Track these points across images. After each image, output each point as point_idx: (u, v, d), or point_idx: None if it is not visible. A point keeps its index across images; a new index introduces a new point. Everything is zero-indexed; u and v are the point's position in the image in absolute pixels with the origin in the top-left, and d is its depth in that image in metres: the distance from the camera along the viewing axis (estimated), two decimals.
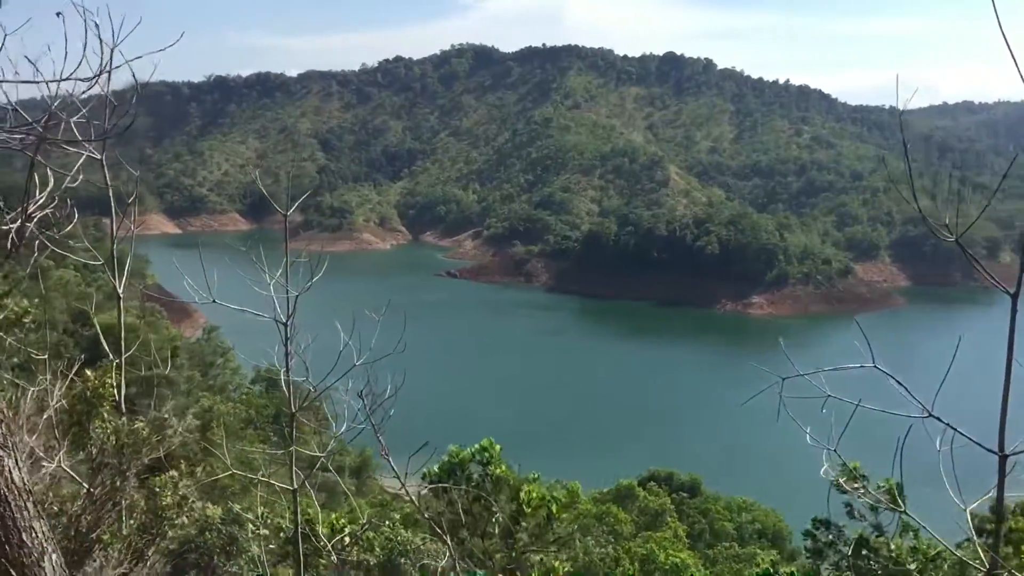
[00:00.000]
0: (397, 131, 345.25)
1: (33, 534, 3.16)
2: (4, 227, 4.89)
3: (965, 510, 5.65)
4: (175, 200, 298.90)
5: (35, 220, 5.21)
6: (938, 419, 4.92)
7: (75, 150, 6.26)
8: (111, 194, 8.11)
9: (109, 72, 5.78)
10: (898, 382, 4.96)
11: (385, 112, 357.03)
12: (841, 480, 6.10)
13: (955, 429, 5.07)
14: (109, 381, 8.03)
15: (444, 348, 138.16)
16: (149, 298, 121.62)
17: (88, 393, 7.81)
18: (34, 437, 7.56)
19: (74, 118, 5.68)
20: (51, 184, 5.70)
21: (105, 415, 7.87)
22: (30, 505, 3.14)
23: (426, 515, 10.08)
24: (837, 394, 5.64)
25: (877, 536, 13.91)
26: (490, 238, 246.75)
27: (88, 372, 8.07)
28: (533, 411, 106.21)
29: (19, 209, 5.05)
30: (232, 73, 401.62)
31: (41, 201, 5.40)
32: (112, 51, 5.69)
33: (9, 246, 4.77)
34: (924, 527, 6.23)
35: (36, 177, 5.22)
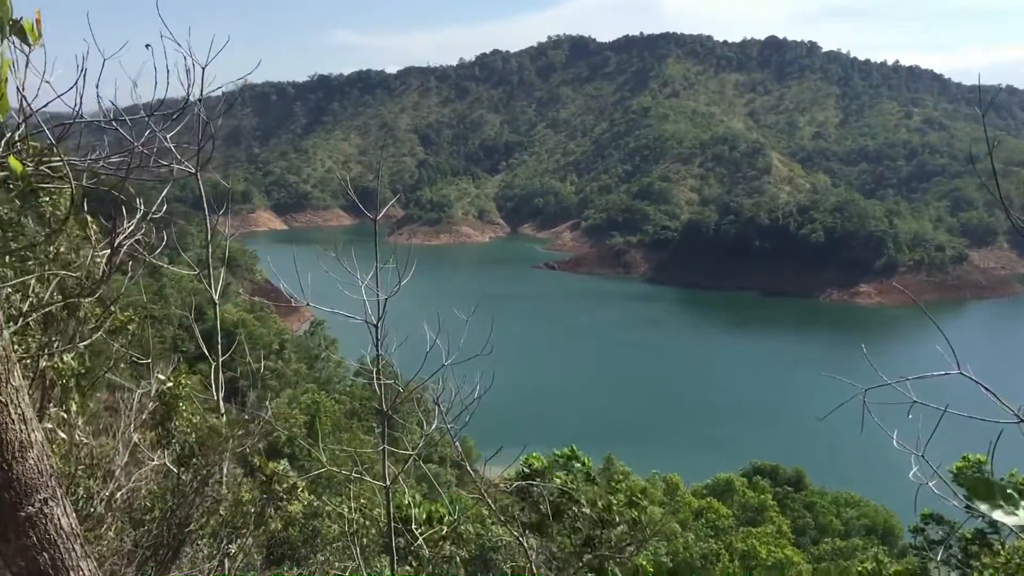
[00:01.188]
0: (495, 124, 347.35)
1: (80, 573, 3.42)
2: (97, 255, 5.22)
3: None
4: (281, 197, 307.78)
5: (123, 249, 5.52)
6: None
7: (173, 165, 6.59)
8: (206, 209, 8.44)
9: (200, 97, 6.06)
10: (986, 388, 4.81)
11: (483, 106, 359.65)
12: (932, 484, 5.96)
13: None
14: (184, 381, 8.45)
15: (541, 341, 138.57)
16: (256, 294, 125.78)
17: (167, 396, 8.24)
18: (136, 434, 8.01)
19: (169, 135, 5.97)
20: (139, 212, 6.02)
21: (184, 414, 8.29)
22: (77, 546, 3.38)
23: (500, 515, 10.20)
24: (931, 396, 5.51)
25: (991, 533, 13.53)
26: (588, 229, 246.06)
27: (162, 376, 8.50)
28: (631, 404, 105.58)
29: (108, 239, 5.36)
30: (335, 72, 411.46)
31: (130, 229, 5.71)
32: (203, 70, 5.98)
33: (100, 274, 5.08)
34: None
35: (123, 208, 5.54)
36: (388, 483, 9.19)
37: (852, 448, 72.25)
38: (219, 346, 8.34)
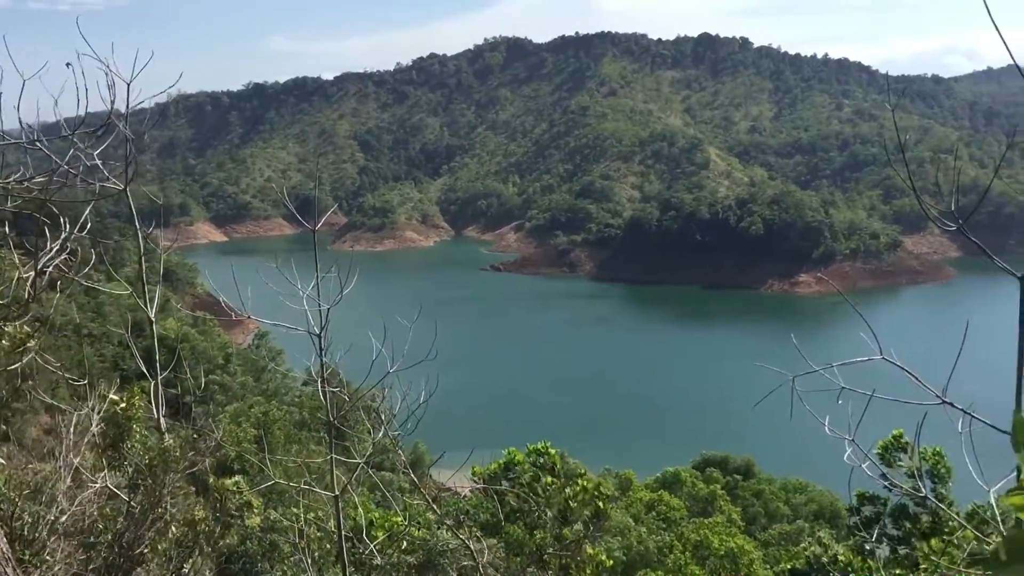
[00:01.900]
0: (435, 128, 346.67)
1: None
2: (21, 278, 5.14)
3: (989, 491, 5.68)
4: (220, 208, 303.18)
5: (47, 272, 5.45)
6: (952, 405, 4.94)
7: (98, 184, 6.52)
8: (137, 224, 8.34)
9: (126, 112, 6.01)
10: (908, 372, 4.99)
11: (422, 110, 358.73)
12: (864, 465, 6.17)
13: (969, 414, 5.08)
14: (137, 403, 8.33)
15: (488, 343, 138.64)
16: (198, 307, 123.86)
17: (119, 416, 8.12)
18: (78, 459, 7.88)
19: (97, 151, 5.90)
20: (63, 233, 5.95)
21: (136, 435, 8.18)
22: (9, 570, 3.39)
23: (446, 520, 10.25)
24: (863, 381, 5.69)
25: (917, 505, 14.08)
26: (532, 230, 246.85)
27: (113, 396, 8.37)
28: (581, 402, 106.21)
29: (31, 263, 5.30)
30: (270, 80, 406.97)
31: (52, 253, 5.64)
32: (128, 86, 5.92)
33: (27, 297, 5.01)
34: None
35: (47, 229, 5.46)
36: (338, 492, 9.18)
37: (794, 434, 73.63)
38: (157, 363, 8.25)
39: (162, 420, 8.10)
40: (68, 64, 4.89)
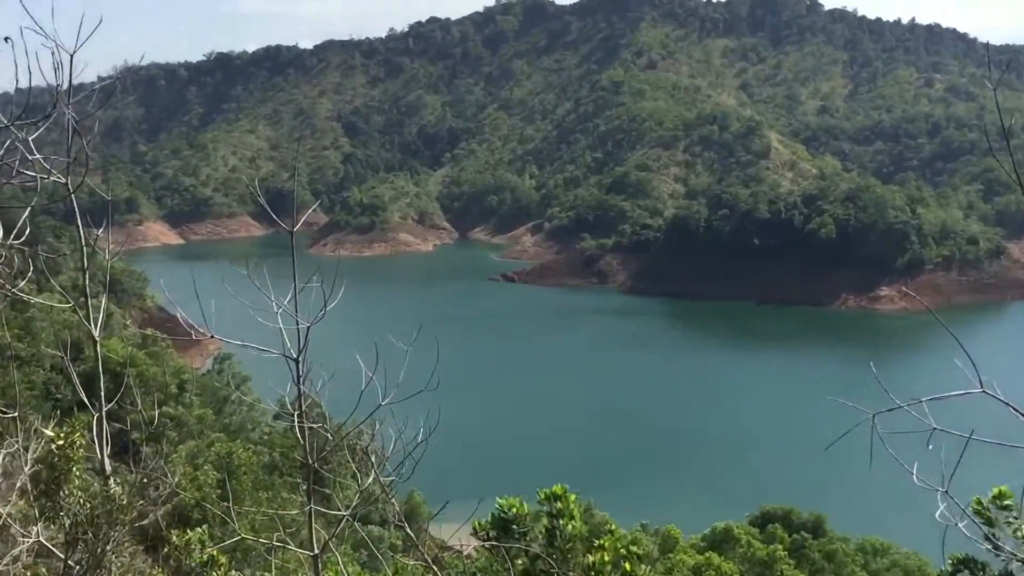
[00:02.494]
0: (435, 108, 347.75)
1: None
2: None
3: None
4: (176, 204, 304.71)
5: None
6: None
7: (39, 177, 6.57)
8: (80, 227, 8.41)
9: (69, 88, 6.07)
10: (1014, 409, 4.98)
11: (419, 85, 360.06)
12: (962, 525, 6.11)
13: None
14: (78, 441, 8.37)
15: (499, 369, 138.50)
16: (148, 324, 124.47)
17: (55, 456, 8.15)
18: (7, 507, 7.91)
19: (33, 136, 5.96)
20: None
21: (76, 480, 8.20)
22: None
23: None
24: (957, 420, 5.63)
25: None
26: (553, 232, 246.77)
27: (51, 432, 8.40)
28: (612, 441, 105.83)
29: None
30: (237, 49, 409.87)
31: None
32: (72, 58, 5.97)
33: None
34: None
35: None
36: (317, 551, 9.21)
37: (874, 484, 73.19)
38: (101, 392, 8.30)
39: (107, 461, 8.13)
40: (7, 39, 4.95)
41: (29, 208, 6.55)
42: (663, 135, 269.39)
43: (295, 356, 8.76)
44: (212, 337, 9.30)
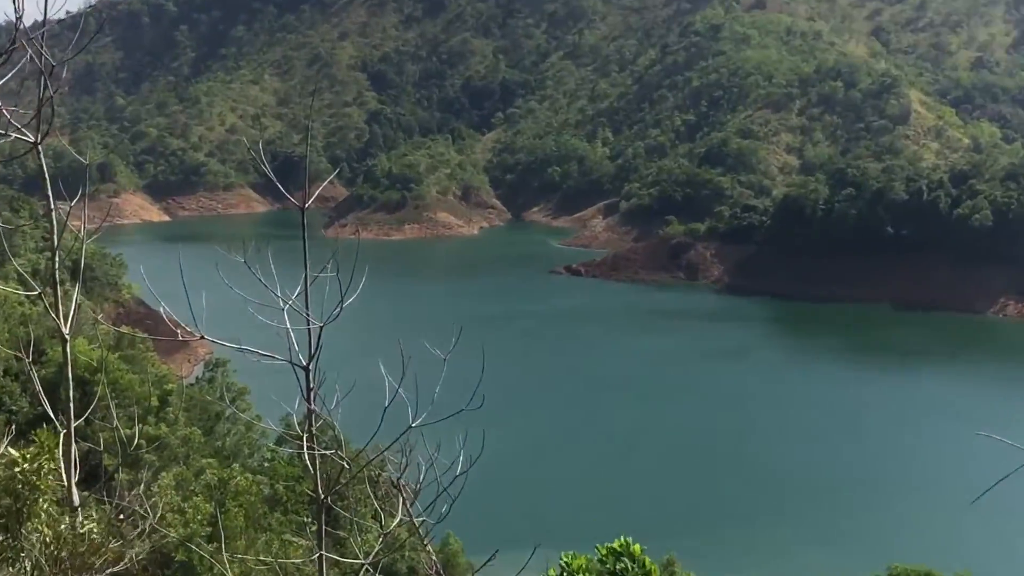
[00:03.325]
0: (485, 55, 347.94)
1: None
2: None
3: None
4: (160, 172, 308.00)
5: None
6: None
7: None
8: (50, 198, 8.54)
9: (43, 25, 6.16)
10: None
11: (466, 27, 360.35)
12: None
13: None
14: (47, 465, 8.46)
15: (558, 385, 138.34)
16: (124, 321, 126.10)
17: (19, 483, 8.23)
18: None
19: None
20: None
21: (43, 513, 8.28)
22: None
23: None
24: None
25: None
26: (631, 213, 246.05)
27: (15, 452, 8.49)
28: (700, 479, 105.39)
29: None
30: None
31: None
32: None
33: None
34: None
35: None
36: None
37: None
38: (71, 404, 8.41)
39: (74, 490, 8.24)
40: None
41: None
42: (773, 93, 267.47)
43: (305, 364, 8.81)
44: (202, 339, 9.39)
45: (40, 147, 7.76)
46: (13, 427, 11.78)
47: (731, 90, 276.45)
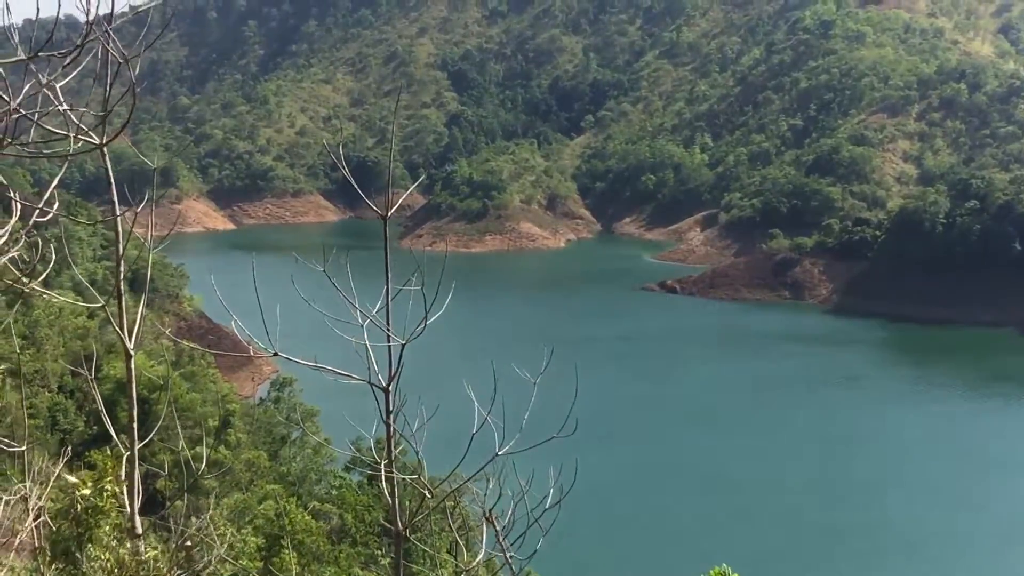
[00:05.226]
0: (574, 54, 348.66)
1: None
2: None
3: None
4: (225, 177, 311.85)
5: None
6: None
7: (71, 136, 6.75)
8: (116, 204, 8.62)
9: (109, 22, 6.21)
10: None
11: (554, 22, 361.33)
12: None
13: None
14: (110, 489, 8.53)
15: (654, 411, 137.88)
16: (185, 334, 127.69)
17: (79, 509, 8.31)
18: (12, 556, 8.14)
19: (60, 82, 6.13)
20: (15, 215, 6.19)
21: (104, 538, 8.35)
22: None
23: None
24: None
25: None
26: (732, 226, 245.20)
27: (73, 478, 8.58)
28: (811, 516, 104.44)
29: None
30: None
31: (2, 241, 5.86)
32: None
33: None
34: None
35: None
36: None
37: None
38: (135, 424, 8.48)
39: (137, 518, 8.31)
40: None
41: (62, 171, 6.73)
42: (889, 96, 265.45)
43: (385, 384, 8.82)
44: (276, 355, 9.40)
45: (105, 149, 7.83)
46: (68, 447, 11.93)
47: (843, 92, 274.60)
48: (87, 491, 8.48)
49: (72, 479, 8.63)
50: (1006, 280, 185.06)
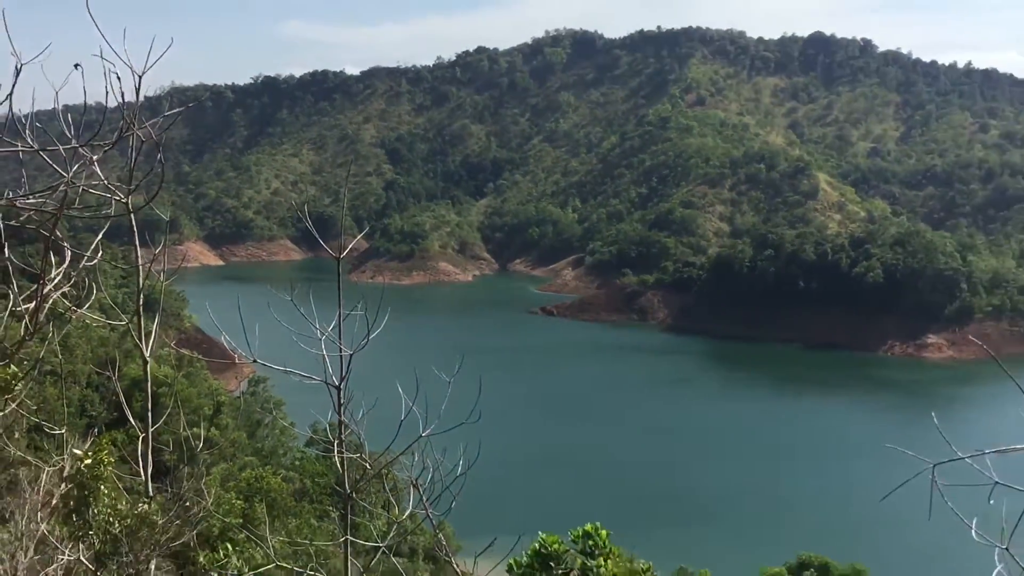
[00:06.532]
0: (480, 137, 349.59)
1: None
2: (18, 310, 5.27)
3: None
4: (217, 225, 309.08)
5: (50, 301, 5.61)
6: None
7: (112, 198, 6.67)
8: (137, 249, 8.53)
9: (136, 111, 6.15)
10: None
11: (465, 115, 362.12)
12: None
13: None
14: (105, 460, 8.44)
15: (539, 404, 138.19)
16: (184, 344, 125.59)
17: (84, 475, 8.22)
18: (45, 523, 7.97)
19: (98, 156, 6.06)
20: (67, 259, 6.11)
21: (105, 498, 8.26)
22: None
23: None
24: (1016, 475, 5.53)
25: None
26: (595, 266, 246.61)
27: (79, 451, 8.48)
28: (651, 484, 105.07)
29: (33, 289, 5.44)
30: (284, 73, 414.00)
31: (57, 280, 5.78)
32: (140, 79, 6.07)
33: (23, 332, 5.15)
34: None
35: (51, 255, 5.64)
36: None
37: (925, 539, 72.11)
38: (150, 411, 8.36)
39: (150, 484, 8.18)
40: (77, 65, 5.05)
41: (107, 225, 6.67)
42: (709, 172, 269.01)
43: (337, 384, 8.80)
44: (255, 362, 9.37)
45: (131, 208, 7.78)
46: (94, 429, 11.75)
47: (676, 169, 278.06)
48: (88, 461, 8.37)
49: (77, 452, 8.51)
50: (793, 308, 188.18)
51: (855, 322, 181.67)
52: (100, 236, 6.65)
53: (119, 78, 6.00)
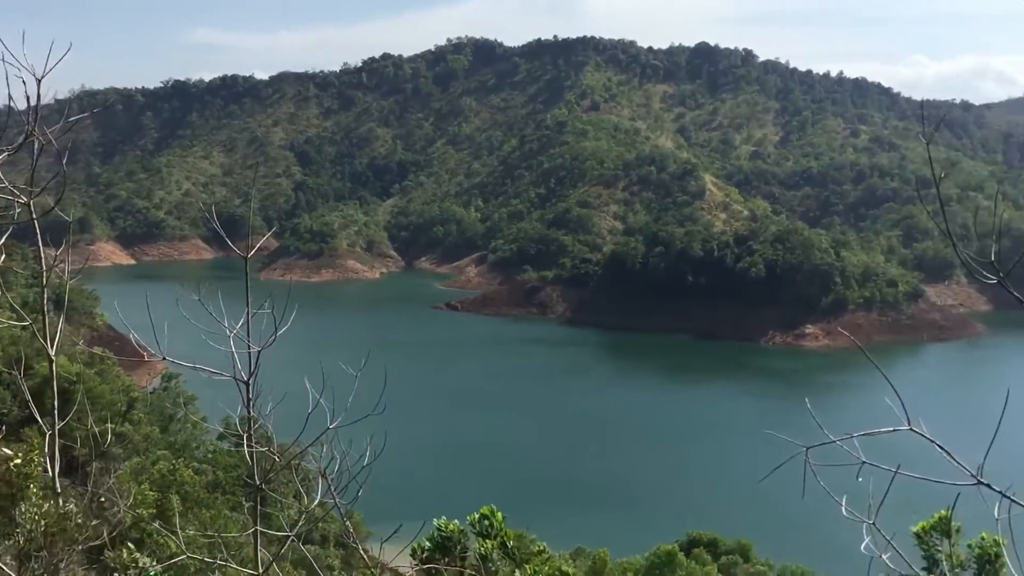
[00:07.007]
0: (386, 140, 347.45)
1: None
2: None
3: None
4: (128, 226, 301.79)
5: None
6: (988, 486, 4.97)
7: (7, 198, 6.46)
8: (40, 248, 8.28)
9: (35, 113, 5.97)
10: (940, 446, 5.05)
11: (371, 118, 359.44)
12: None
13: (1008, 497, 5.13)
14: (36, 459, 8.19)
15: (443, 395, 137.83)
16: (96, 342, 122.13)
17: (14, 475, 7.96)
18: None
19: None
20: None
21: (33, 498, 8.01)
22: None
23: None
24: (881, 455, 5.71)
25: None
26: (496, 263, 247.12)
27: (8, 451, 8.21)
28: (549, 467, 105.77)
29: None
30: (194, 77, 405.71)
31: None
32: (39, 83, 5.88)
33: None
34: None
35: None
36: (261, 571, 9.05)
37: (801, 515, 73.76)
38: (55, 409, 8.12)
39: (57, 480, 7.95)
40: None
41: (4, 236, 6.47)
42: (604, 174, 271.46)
43: (246, 379, 8.65)
44: (164, 359, 9.17)
45: (34, 213, 7.54)
46: (3, 427, 11.36)
47: (573, 171, 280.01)
48: (18, 460, 8.09)
49: (7, 451, 8.21)
50: (682, 302, 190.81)
51: (739, 314, 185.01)
52: (3, 239, 6.43)
53: (24, 82, 5.81)
